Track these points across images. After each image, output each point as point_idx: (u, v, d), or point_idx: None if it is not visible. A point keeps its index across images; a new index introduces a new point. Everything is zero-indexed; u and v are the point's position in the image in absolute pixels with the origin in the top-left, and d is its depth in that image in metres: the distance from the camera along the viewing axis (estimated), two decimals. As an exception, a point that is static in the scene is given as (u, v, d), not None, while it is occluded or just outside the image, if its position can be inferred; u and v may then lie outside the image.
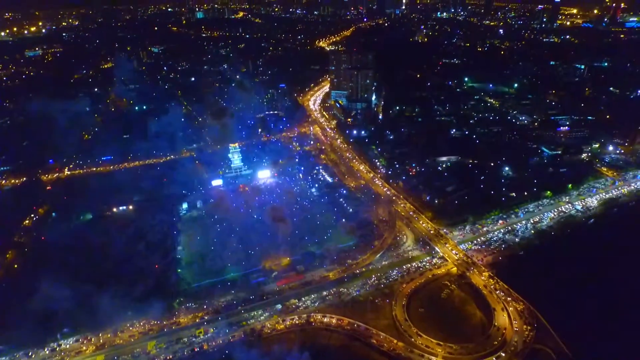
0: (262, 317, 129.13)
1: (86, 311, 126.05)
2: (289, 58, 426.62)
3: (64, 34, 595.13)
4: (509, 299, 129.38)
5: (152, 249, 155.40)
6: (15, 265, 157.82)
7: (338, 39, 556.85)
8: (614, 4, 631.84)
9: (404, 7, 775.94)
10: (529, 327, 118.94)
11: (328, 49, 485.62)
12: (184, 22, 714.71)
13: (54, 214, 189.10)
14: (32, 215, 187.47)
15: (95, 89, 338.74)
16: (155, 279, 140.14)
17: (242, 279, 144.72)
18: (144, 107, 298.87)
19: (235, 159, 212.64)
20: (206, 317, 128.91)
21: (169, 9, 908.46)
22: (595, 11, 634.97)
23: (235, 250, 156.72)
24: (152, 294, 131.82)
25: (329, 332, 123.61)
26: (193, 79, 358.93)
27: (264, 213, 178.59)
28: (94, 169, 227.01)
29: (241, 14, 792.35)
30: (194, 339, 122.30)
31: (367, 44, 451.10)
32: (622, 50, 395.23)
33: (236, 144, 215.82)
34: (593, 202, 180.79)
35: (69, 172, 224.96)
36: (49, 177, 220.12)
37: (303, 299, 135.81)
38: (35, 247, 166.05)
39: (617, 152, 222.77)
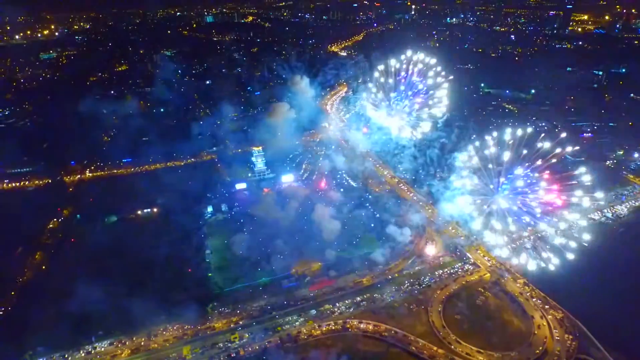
0: (297, 323, 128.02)
1: (120, 314, 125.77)
2: (303, 62, 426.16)
3: (77, 37, 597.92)
4: (546, 306, 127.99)
5: (182, 252, 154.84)
6: (44, 267, 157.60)
7: (350, 43, 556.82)
8: (624, 10, 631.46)
9: (413, 13, 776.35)
10: (570, 337, 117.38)
11: (341, 53, 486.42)
12: (194, 25, 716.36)
13: (78, 216, 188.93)
14: (57, 217, 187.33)
15: (112, 92, 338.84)
16: (188, 283, 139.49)
17: (274, 283, 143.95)
18: (161, 110, 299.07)
19: (259, 163, 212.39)
20: (241, 322, 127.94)
21: (178, 13, 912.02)
22: (607, 17, 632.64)
23: (265, 255, 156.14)
24: (185, 298, 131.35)
25: (366, 338, 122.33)
26: (208, 82, 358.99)
27: (291, 217, 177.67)
28: (115, 171, 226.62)
29: (250, 18, 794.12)
30: (229, 344, 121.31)
31: (381, 49, 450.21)
32: (639, 57, 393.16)
33: (259, 147, 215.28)
34: (623, 209, 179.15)
35: (90, 174, 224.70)
36: (71, 178, 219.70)
37: (337, 304, 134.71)
38: (63, 248, 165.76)
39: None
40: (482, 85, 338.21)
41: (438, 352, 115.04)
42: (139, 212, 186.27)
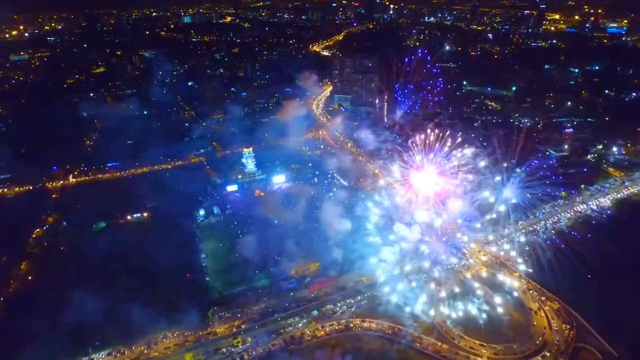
0: (300, 324, 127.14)
1: (116, 323, 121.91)
2: (285, 62, 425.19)
3: (48, 38, 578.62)
4: (543, 298, 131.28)
5: (176, 257, 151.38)
6: (30, 277, 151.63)
7: (331, 43, 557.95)
8: (592, 11, 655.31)
9: (391, 12, 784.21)
10: (568, 327, 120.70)
11: (323, 53, 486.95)
12: (172, 26, 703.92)
13: (64, 223, 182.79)
14: (41, 225, 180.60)
15: (91, 94, 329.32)
16: (186, 288, 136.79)
17: (273, 286, 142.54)
18: (145, 112, 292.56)
19: (249, 164, 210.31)
20: (243, 326, 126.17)
21: (154, 14, 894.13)
22: (577, 17, 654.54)
23: (261, 257, 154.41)
24: (184, 304, 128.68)
25: (370, 337, 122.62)
26: (191, 83, 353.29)
27: (285, 218, 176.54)
28: (101, 175, 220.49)
29: (229, 18, 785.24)
30: (232, 349, 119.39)
31: (362, 48, 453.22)
32: (609, 55, 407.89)
33: (250, 149, 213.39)
34: (606, 202, 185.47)
35: (74, 180, 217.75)
36: (54, 184, 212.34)
37: (339, 304, 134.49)
38: (51, 257, 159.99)
39: (621, 153, 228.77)
40: (465, 83, 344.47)
41: (442, 347, 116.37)
42: (129, 217, 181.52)
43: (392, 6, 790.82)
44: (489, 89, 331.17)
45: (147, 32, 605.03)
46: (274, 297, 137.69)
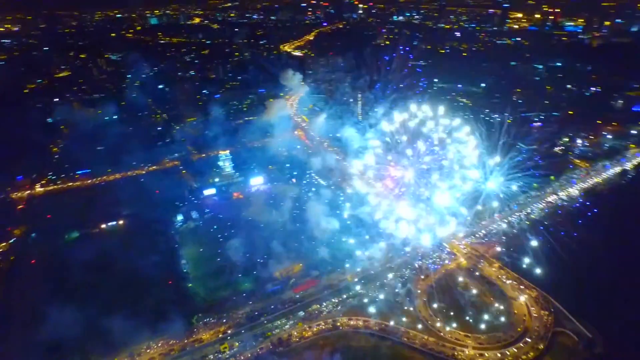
0: (286, 326, 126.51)
1: (96, 337, 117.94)
2: (257, 63, 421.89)
3: (4, 41, 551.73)
4: (521, 287, 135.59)
5: (156, 264, 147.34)
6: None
7: (302, 43, 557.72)
8: (550, 10, 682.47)
9: (360, 11, 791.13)
10: (546, 313, 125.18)
11: (295, 53, 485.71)
12: (138, 28, 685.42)
13: (33, 235, 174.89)
14: (7, 239, 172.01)
15: (56, 99, 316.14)
16: (168, 296, 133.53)
17: (257, 288, 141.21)
18: (115, 117, 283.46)
19: (227, 167, 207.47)
20: (229, 331, 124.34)
21: (118, 15, 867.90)
22: (538, 16, 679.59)
23: (244, 260, 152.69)
24: (166, 312, 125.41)
25: (358, 335, 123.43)
26: (162, 86, 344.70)
27: (265, 220, 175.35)
28: (71, 184, 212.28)
29: (197, 19, 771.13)
30: (220, 355, 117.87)
31: (334, 48, 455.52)
32: (569, 52, 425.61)
33: (227, 151, 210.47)
34: (575, 191, 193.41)
35: (42, 189, 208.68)
36: (20, 195, 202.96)
37: (324, 303, 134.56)
38: (20, 272, 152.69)
39: (585, 145, 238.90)
40: (436, 80, 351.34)
41: (429, 340, 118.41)
42: (104, 225, 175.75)
43: (361, 6, 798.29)
44: (460, 85, 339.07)
45: (112, 34, 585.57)
46: (259, 300, 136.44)
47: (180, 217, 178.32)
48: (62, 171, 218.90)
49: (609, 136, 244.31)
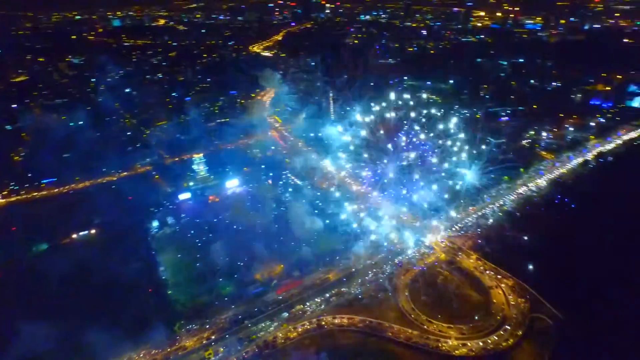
0: (271, 328, 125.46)
1: (74, 352, 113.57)
2: (226, 64, 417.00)
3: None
4: (499, 276, 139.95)
5: (133, 273, 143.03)
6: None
7: (271, 43, 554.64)
8: (510, 8, 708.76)
9: (328, 11, 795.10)
10: (522, 300, 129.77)
11: (264, 54, 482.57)
12: (100, 30, 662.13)
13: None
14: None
15: (13, 105, 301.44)
16: (147, 304, 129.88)
17: (239, 292, 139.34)
18: (80, 122, 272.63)
19: (201, 170, 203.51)
20: (212, 337, 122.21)
21: (77, 17, 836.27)
22: (499, 14, 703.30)
23: (223, 264, 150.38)
24: (147, 321, 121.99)
25: (343, 333, 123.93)
26: (128, 89, 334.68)
27: (244, 222, 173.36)
28: (37, 193, 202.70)
29: (162, 21, 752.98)
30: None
31: (304, 48, 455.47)
32: (530, 48, 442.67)
33: (200, 154, 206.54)
34: (543, 182, 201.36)
35: (4, 200, 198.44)
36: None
37: (307, 303, 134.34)
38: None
39: (550, 137, 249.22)
40: (405, 78, 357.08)
41: (413, 334, 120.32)
42: (74, 235, 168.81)
43: (328, 5, 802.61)
44: (429, 82, 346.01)
45: (73, 37, 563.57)
46: (242, 303, 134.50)
47: (155, 223, 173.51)
48: (26, 181, 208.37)
49: (571, 129, 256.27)
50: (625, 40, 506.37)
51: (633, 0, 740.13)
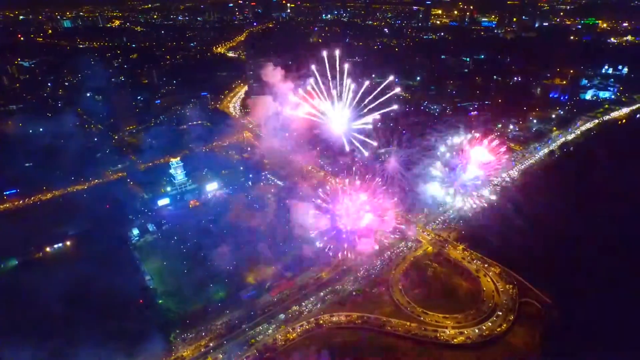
0: (269, 331, 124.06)
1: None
2: (192, 66, 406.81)
3: None
4: (486, 265, 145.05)
5: (118, 284, 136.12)
6: None
7: (234, 44, 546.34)
8: (465, 7, 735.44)
9: (289, 10, 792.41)
10: (510, 286, 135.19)
11: (229, 54, 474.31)
12: (50, 32, 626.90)
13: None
14: None
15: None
16: (138, 316, 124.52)
17: (232, 297, 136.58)
18: (40, 130, 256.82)
19: (179, 174, 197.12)
20: (211, 344, 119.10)
21: (21, 17, 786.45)
22: (455, 12, 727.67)
23: (213, 269, 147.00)
24: (140, 333, 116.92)
25: (342, 330, 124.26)
26: (89, 94, 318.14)
27: (228, 226, 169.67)
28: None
29: (117, 22, 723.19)
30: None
31: (269, 47, 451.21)
32: (488, 45, 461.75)
33: (177, 158, 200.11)
34: (515, 173, 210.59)
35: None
36: None
37: (303, 303, 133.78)
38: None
39: (516, 130, 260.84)
40: (374, 75, 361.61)
41: (411, 326, 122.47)
42: (47, 249, 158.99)
43: (289, 5, 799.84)
44: (396, 80, 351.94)
45: (21, 38, 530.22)
46: (236, 308, 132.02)
47: (136, 232, 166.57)
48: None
49: (535, 121, 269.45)
50: (571, 37, 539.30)
51: (574, 0, 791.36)
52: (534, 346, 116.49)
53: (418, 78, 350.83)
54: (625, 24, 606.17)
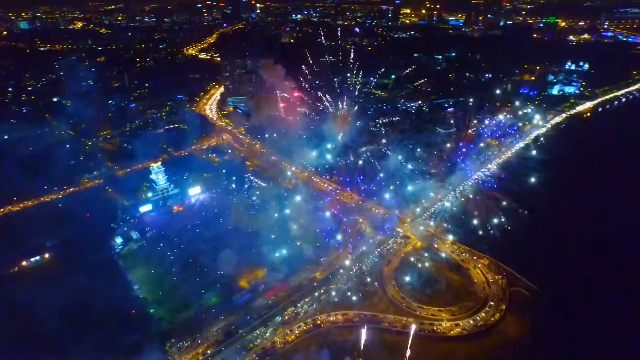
0: (267, 334, 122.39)
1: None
2: (163, 68, 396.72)
3: None
4: (474, 257, 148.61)
5: (105, 295, 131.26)
6: None
7: (205, 45, 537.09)
8: (432, 6, 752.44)
9: (258, 11, 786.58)
10: (499, 276, 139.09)
11: (201, 56, 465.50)
12: (5, 33, 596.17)
13: None
14: None
15: None
16: (130, 328, 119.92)
17: (226, 301, 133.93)
18: (5, 137, 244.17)
19: (160, 179, 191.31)
20: (208, 352, 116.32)
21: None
22: (424, 11, 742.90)
23: (202, 275, 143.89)
24: (134, 346, 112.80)
25: (340, 329, 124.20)
26: (57, 99, 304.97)
27: (215, 230, 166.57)
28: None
29: (80, 24, 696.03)
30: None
31: (242, 49, 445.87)
32: (457, 43, 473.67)
33: (158, 162, 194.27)
34: (494, 166, 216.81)
35: None
36: None
37: (299, 304, 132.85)
38: None
39: (492, 124, 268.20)
40: (349, 75, 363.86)
41: (408, 320, 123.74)
42: (24, 262, 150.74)
43: (258, 5, 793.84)
44: (372, 78, 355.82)
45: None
46: (231, 313, 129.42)
47: (119, 240, 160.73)
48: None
49: (508, 116, 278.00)
50: (534, 35, 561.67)
51: (533, 0, 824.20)
52: (525, 332, 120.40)
53: (393, 77, 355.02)
54: (581, 23, 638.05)
